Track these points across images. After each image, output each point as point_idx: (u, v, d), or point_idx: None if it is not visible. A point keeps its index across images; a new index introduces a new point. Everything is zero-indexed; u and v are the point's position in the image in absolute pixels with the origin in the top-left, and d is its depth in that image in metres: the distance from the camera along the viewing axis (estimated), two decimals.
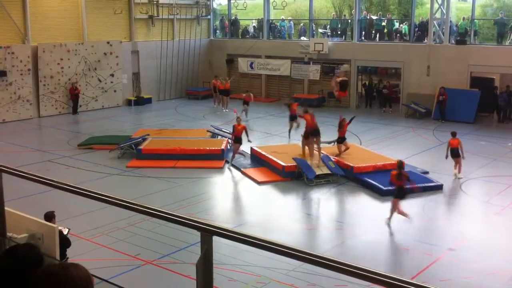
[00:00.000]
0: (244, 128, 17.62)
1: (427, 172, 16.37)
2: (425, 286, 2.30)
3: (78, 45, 26.53)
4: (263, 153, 17.48)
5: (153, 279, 9.93)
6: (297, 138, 19.49)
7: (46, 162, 17.69)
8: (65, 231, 8.57)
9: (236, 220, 12.93)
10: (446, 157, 16.15)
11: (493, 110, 25.12)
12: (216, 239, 2.93)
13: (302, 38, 30.80)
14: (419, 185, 15.03)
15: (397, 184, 12.94)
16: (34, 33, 25.11)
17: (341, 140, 17.28)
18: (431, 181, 15.41)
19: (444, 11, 25.71)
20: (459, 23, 26.66)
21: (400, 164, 13.05)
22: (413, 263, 10.64)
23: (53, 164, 17.37)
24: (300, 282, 9.77)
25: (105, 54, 27.48)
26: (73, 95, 26.01)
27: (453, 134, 16.30)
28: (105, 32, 27.74)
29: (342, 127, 17.29)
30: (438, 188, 15.09)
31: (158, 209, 3.22)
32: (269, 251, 2.71)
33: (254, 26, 33.09)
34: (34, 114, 25.22)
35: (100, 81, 27.53)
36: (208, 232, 2.89)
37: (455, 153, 15.98)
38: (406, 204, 14.32)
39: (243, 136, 17.52)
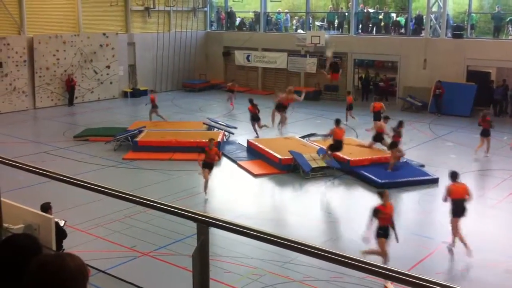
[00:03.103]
0: (217, 154, 14.62)
1: (423, 166, 16.41)
2: (421, 277, 2.30)
3: (74, 36, 26.41)
4: (260, 145, 17.49)
5: (150, 271, 9.95)
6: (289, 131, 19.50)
7: (42, 153, 17.65)
8: (61, 223, 8.56)
9: (232, 212, 12.93)
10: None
11: (489, 104, 25.16)
12: (212, 231, 2.93)
13: (299, 31, 30.75)
14: (415, 178, 15.07)
15: (453, 198, 10.87)
16: (30, 24, 24.97)
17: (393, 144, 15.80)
18: (427, 175, 15.45)
19: (441, 5, 25.70)
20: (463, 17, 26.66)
21: (454, 175, 11.13)
22: (408, 256, 10.67)
23: (49, 156, 17.33)
24: (296, 274, 9.81)
25: (101, 46, 27.37)
26: (69, 86, 25.93)
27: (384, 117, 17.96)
28: (101, 23, 27.61)
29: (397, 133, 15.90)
30: (434, 181, 15.13)
31: (155, 200, 3.21)
32: (266, 243, 2.71)
33: (242, 19, 33.07)
34: (30, 106, 25.13)
35: (96, 73, 27.44)
36: (204, 223, 2.89)
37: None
38: (403, 198, 14.38)
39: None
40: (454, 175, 11.09)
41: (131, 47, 29.39)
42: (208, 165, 13.98)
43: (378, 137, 16.97)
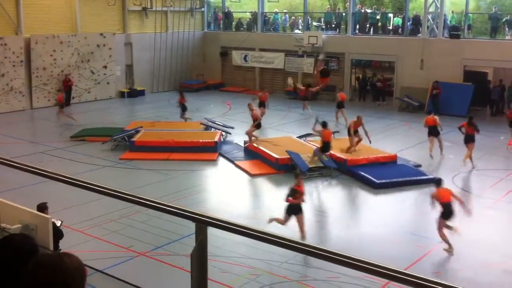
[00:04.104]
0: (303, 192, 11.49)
1: (420, 165, 16.45)
2: (418, 276, 2.31)
3: (71, 36, 26.38)
4: (257, 146, 17.50)
5: (147, 271, 9.94)
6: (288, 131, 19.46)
7: (39, 153, 17.62)
8: (58, 223, 8.55)
9: (229, 212, 12.93)
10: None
11: (486, 104, 25.23)
12: (209, 230, 2.93)
13: (296, 31, 30.77)
14: (412, 178, 15.10)
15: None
16: (27, 24, 24.93)
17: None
18: (424, 174, 15.48)
19: (438, 5, 25.74)
20: (449, 16, 26.75)
21: (324, 124, 15.25)
22: (405, 256, 10.69)
23: (46, 156, 17.30)
24: (293, 274, 9.82)
25: (98, 46, 27.34)
26: (66, 86, 25.89)
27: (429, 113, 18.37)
28: (98, 23, 27.57)
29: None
30: (431, 181, 15.13)
31: (153, 200, 3.21)
32: (263, 242, 2.72)
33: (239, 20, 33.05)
34: (27, 106, 25.09)
35: (93, 73, 27.41)
36: (203, 223, 2.90)
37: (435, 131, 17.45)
38: (400, 198, 14.41)
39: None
40: (324, 124, 15.64)
41: (128, 47, 29.36)
42: (296, 209, 11.08)
43: (435, 131, 17.40)
